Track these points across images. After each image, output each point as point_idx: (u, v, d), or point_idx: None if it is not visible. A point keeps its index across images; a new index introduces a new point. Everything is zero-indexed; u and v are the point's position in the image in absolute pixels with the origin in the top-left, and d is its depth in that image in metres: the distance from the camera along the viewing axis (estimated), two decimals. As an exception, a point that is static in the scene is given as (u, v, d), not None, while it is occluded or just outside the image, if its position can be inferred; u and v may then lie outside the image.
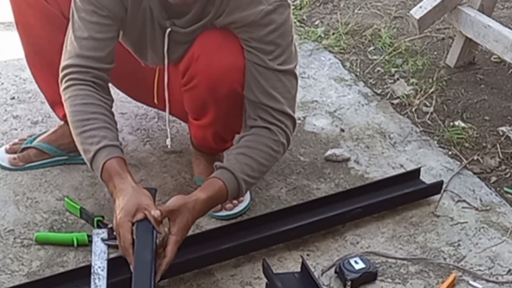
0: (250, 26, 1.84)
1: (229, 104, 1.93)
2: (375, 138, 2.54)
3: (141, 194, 1.78)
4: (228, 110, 1.95)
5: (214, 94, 1.90)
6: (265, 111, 1.90)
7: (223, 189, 1.83)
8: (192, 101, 1.99)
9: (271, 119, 1.90)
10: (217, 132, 2.05)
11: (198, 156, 2.17)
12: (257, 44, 1.86)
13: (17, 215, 2.13)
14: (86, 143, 1.83)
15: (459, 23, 2.76)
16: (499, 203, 2.29)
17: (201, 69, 1.89)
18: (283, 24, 1.85)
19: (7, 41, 2.84)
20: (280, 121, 1.91)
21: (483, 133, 2.58)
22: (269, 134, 1.90)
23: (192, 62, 1.90)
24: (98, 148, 1.81)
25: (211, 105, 1.94)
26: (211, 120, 1.99)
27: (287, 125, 1.93)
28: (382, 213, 2.21)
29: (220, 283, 1.97)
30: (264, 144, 1.90)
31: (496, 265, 2.08)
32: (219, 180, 1.84)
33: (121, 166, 1.82)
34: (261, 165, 1.90)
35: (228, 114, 1.97)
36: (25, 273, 1.96)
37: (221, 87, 1.89)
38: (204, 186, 1.85)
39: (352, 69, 2.90)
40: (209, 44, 1.88)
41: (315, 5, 3.30)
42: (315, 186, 2.30)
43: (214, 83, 1.88)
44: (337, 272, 2.00)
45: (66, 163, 2.29)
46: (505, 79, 2.86)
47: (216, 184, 1.84)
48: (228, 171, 1.85)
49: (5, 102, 2.55)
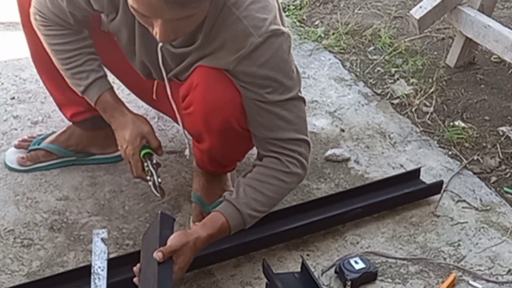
0: (240, 60, 1.75)
1: (224, 137, 1.88)
2: (375, 138, 2.54)
3: (140, 122, 1.96)
4: (223, 142, 1.91)
5: (207, 126, 1.87)
6: (274, 144, 1.85)
7: (225, 226, 1.81)
8: (190, 126, 1.97)
9: (282, 150, 1.85)
10: (215, 158, 2.03)
11: (198, 173, 2.14)
12: (251, 80, 1.78)
13: (17, 215, 2.13)
14: (75, 78, 1.98)
15: (459, 23, 2.76)
16: (499, 203, 2.29)
17: (197, 98, 1.84)
18: (273, 55, 1.75)
19: (7, 41, 2.84)
20: (292, 150, 1.85)
21: (483, 133, 2.58)
22: (280, 166, 1.85)
23: (191, 90, 1.86)
24: (88, 83, 1.96)
25: (206, 135, 1.91)
26: (208, 147, 1.96)
27: (300, 152, 1.86)
28: (382, 213, 2.21)
29: (220, 283, 1.97)
30: (275, 177, 1.85)
31: (496, 265, 2.08)
32: (222, 217, 1.80)
33: (114, 98, 1.98)
34: (270, 198, 1.86)
35: (224, 145, 1.93)
36: (25, 273, 1.96)
37: (214, 120, 1.84)
38: (207, 221, 1.82)
39: (352, 69, 2.90)
40: (208, 75, 1.81)
41: (315, 5, 3.30)
42: (315, 186, 2.30)
43: (208, 116, 1.84)
44: (337, 272, 2.00)
45: (75, 163, 2.29)
46: (505, 79, 2.86)
47: (218, 221, 1.80)
48: (233, 207, 1.81)
49: (5, 102, 2.55)
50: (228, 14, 1.74)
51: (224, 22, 1.74)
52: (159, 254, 1.71)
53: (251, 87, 1.79)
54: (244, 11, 1.73)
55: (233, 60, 1.76)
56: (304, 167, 1.88)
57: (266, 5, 1.77)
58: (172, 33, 1.67)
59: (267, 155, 1.87)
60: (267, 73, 1.76)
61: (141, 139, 1.94)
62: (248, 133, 1.87)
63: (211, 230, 1.79)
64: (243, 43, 1.74)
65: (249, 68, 1.76)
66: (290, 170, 1.86)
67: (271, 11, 1.77)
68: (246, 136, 1.88)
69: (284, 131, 1.83)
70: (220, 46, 1.77)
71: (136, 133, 1.94)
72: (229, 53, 1.76)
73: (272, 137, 1.84)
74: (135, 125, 1.95)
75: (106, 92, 1.97)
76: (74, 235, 2.08)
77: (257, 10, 1.75)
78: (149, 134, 1.95)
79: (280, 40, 1.76)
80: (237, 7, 1.74)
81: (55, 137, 2.28)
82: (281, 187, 1.87)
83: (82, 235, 2.08)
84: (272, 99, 1.79)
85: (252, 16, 1.74)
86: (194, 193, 2.15)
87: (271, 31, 1.74)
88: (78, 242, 2.06)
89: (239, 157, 2.09)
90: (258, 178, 1.85)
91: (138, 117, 1.98)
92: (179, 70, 1.88)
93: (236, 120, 1.84)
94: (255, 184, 1.84)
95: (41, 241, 2.06)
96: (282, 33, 1.77)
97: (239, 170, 2.24)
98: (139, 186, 2.23)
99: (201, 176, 2.13)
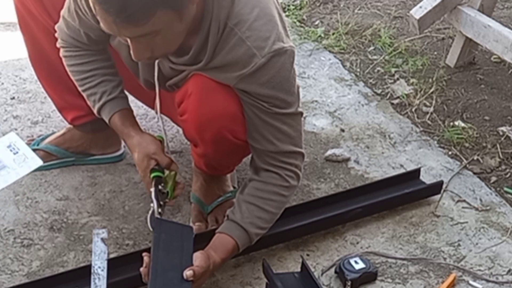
0: (242, 79, 1.75)
1: (218, 147, 1.88)
2: (375, 138, 2.54)
3: (146, 143, 1.90)
4: (216, 151, 1.91)
5: (200, 135, 1.86)
6: (273, 157, 1.86)
7: (235, 248, 1.85)
8: (185, 132, 1.97)
9: (280, 164, 1.87)
10: (210, 164, 2.03)
11: (197, 173, 2.15)
12: (253, 97, 1.78)
13: (17, 215, 2.13)
14: (90, 100, 1.98)
15: (459, 23, 2.76)
16: (499, 203, 2.29)
17: (191, 108, 1.84)
18: (275, 75, 1.75)
19: (7, 41, 2.84)
20: (289, 163, 1.88)
21: (483, 133, 2.58)
22: (280, 180, 1.88)
23: (185, 98, 1.85)
24: (100, 105, 1.95)
25: (200, 143, 1.91)
26: (203, 153, 1.96)
27: (297, 164, 1.90)
28: (382, 213, 2.21)
29: (220, 283, 1.97)
30: (276, 192, 1.88)
31: (496, 265, 2.08)
32: (231, 240, 1.84)
33: (122, 121, 1.94)
34: (273, 214, 1.90)
35: (218, 154, 1.93)
36: (25, 273, 1.96)
37: (207, 130, 1.84)
38: (218, 246, 1.84)
39: (352, 69, 2.90)
40: (203, 85, 1.80)
41: (315, 5, 3.30)
42: (315, 186, 2.30)
43: (201, 126, 1.84)
44: (337, 272, 2.00)
45: (75, 164, 2.29)
46: (505, 79, 2.86)
47: (229, 245, 1.84)
48: (241, 228, 1.85)
49: (5, 102, 2.55)
50: (231, 35, 1.72)
51: (227, 44, 1.73)
52: (190, 273, 1.72)
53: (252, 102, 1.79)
54: (247, 31, 1.72)
55: (234, 77, 1.76)
56: (299, 179, 1.93)
57: (270, 19, 1.75)
58: (145, 51, 1.66)
59: (266, 169, 1.88)
60: (268, 92, 1.77)
61: (149, 160, 1.88)
62: (244, 143, 1.87)
63: (223, 255, 1.83)
64: (247, 64, 1.73)
65: (250, 86, 1.76)
66: (289, 184, 1.90)
67: (274, 26, 1.75)
68: (241, 146, 1.88)
69: (283, 144, 1.85)
70: (223, 66, 1.76)
71: (143, 155, 1.89)
72: (231, 72, 1.76)
73: (271, 150, 1.85)
74: (141, 146, 1.90)
75: (115, 114, 1.94)
76: (74, 235, 2.08)
77: (261, 28, 1.73)
78: (156, 154, 1.89)
79: (283, 59, 1.76)
80: (240, 27, 1.72)
81: (55, 138, 2.28)
82: (282, 202, 1.91)
83: (82, 235, 2.08)
84: (272, 111, 1.80)
85: (256, 36, 1.72)
86: (193, 194, 2.15)
87: (274, 51, 1.73)
88: (78, 242, 2.06)
89: (235, 163, 2.09)
90: (259, 195, 1.88)
91: (145, 138, 1.92)
92: (179, 78, 1.87)
93: (229, 132, 1.83)
94: (257, 202, 1.87)
95: (41, 241, 2.06)
96: (285, 51, 1.76)
97: (239, 170, 2.24)
98: (139, 186, 2.23)
99: (200, 176, 2.13)
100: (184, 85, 1.85)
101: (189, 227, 1.86)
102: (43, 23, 2.03)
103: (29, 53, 2.16)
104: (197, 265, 1.74)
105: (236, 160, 2.06)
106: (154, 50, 1.68)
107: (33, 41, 2.11)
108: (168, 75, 1.89)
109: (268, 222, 1.90)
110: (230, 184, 2.16)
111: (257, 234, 1.88)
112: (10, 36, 2.85)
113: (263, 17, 1.74)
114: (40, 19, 2.03)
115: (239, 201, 1.88)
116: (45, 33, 2.03)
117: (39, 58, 2.13)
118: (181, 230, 1.83)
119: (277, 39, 1.74)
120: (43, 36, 2.05)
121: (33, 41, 2.11)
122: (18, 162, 1.86)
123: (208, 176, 2.12)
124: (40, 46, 2.08)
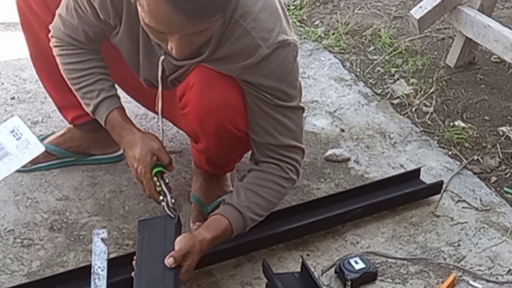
0: (246, 69, 1.76)
1: (219, 139, 1.88)
2: (375, 138, 2.54)
3: (150, 139, 1.91)
4: (218, 144, 1.91)
5: (202, 127, 1.87)
6: (273, 150, 1.87)
7: (228, 229, 1.82)
8: (186, 127, 1.98)
9: (280, 157, 1.87)
10: (211, 160, 2.02)
11: (197, 173, 2.15)
12: (256, 88, 1.79)
13: (17, 215, 2.13)
14: (85, 97, 1.96)
15: (459, 23, 2.76)
16: (499, 203, 2.29)
17: (193, 99, 1.84)
18: (279, 66, 1.77)
19: (7, 41, 2.84)
20: (290, 157, 1.88)
21: (483, 133, 2.58)
22: (279, 171, 1.88)
23: (187, 90, 1.85)
24: (97, 102, 1.94)
25: (201, 136, 1.91)
26: (204, 148, 1.96)
27: (297, 159, 1.90)
28: (382, 213, 2.21)
29: (220, 283, 1.97)
30: (275, 182, 1.88)
31: (496, 265, 2.08)
32: (225, 219, 1.82)
33: (122, 116, 1.95)
34: (270, 203, 1.89)
35: (220, 147, 1.93)
36: (25, 273, 1.96)
37: (209, 122, 1.84)
38: (210, 224, 1.83)
39: (352, 69, 2.90)
40: (205, 76, 1.81)
41: (315, 5, 3.30)
42: (315, 186, 2.30)
43: (203, 117, 1.84)
44: (337, 272, 2.00)
45: (75, 164, 2.29)
46: (505, 79, 2.86)
47: (222, 224, 1.82)
48: (236, 210, 1.83)
49: (5, 102, 2.55)
50: (236, 26, 1.73)
51: (232, 35, 1.74)
52: (170, 260, 1.72)
53: (255, 92, 1.80)
54: (252, 22, 1.73)
55: (238, 68, 1.77)
56: (299, 174, 1.93)
57: (274, 11, 1.77)
58: (187, 47, 1.68)
59: (265, 161, 1.88)
60: (271, 83, 1.78)
61: (152, 157, 1.88)
62: (246, 135, 1.87)
63: (215, 233, 1.81)
64: (251, 54, 1.74)
65: (253, 76, 1.77)
66: (288, 176, 1.89)
67: (278, 18, 1.77)
68: (243, 138, 1.88)
69: (284, 138, 1.86)
70: (226, 57, 1.77)
71: (146, 150, 1.88)
72: (235, 62, 1.76)
73: (272, 143, 1.85)
74: (145, 142, 1.89)
75: (115, 110, 1.94)
76: (74, 235, 2.08)
77: (266, 19, 1.75)
78: (159, 150, 1.90)
79: (286, 51, 1.77)
80: (245, 18, 1.73)
81: (55, 138, 2.28)
82: (280, 192, 1.90)
83: (82, 235, 2.08)
84: (275, 103, 1.81)
85: (260, 27, 1.74)
86: (193, 194, 2.15)
87: (278, 42, 1.75)
88: (78, 242, 2.06)
89: (236, 158, 2.08)
90: (258, 183, 1.87)
91: (147, 135, 1.94)
92: (181, 72, 1.88)
93: (231, 123, 1.84)
94: (255, 189, 1.86)
95: (41, 241, 2.06)
96: (289, 44, 1.77)
97: (239, 170, 2.24)
98: (139, 186, 2.23)
99: (200, 176, 2.13)
100: (186, 78, 1.86)
101: (171, 216, 1.83)
102: (45, 21, 2.03)
103: (30, 52, 2.16)
104: (177, 249, 1.73)
105: (237, 155, 2.06)
106: (193, 45, 1.69)
107: (34, 40, 2.10)
108: (170, 71, 1.89)
109: (264, 210, 1.88)
110: (230, 184, 2.16)
111: (252, 219, 1.85)
112: (10, 36, 2.85)
113: (267, 9, 1.76)
114: (42, 17, 2.03)
115: (237, 187, 1.88)
116: (47, 31, 2.03)
117: (40, 56, 2.12)
118: (164, 222, 1.82)
119: (281, 31, 1.76)
120: (45, 34, 2.05)
121: (34, 40, 2.10)
122: (20, 149, 1.86)
123: (208, 176, 2.12)
124: (42, 44, 2.08)
